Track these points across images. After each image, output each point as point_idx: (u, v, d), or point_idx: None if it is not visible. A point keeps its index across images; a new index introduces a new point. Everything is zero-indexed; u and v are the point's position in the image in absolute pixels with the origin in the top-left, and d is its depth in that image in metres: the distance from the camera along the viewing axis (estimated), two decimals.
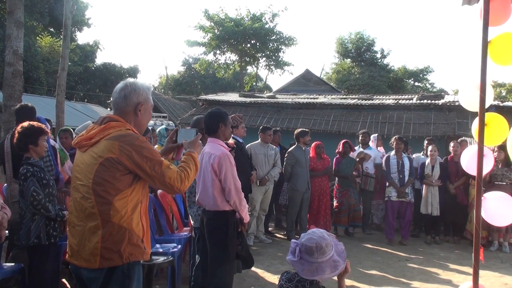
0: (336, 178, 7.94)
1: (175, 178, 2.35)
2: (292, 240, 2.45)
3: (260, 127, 7.47)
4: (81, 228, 2.30)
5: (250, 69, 34.55)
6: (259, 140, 7.20)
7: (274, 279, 5.32)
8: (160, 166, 2.31)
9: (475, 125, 2.92)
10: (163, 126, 7.20)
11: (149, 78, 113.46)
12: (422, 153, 8.26)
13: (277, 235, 7.87)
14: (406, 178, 7.38)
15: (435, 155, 7.58)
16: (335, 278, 2.43)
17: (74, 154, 4.73)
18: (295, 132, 7.61)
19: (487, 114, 2.92)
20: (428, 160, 7.62)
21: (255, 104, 12.44)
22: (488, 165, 3.01)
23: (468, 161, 3.10)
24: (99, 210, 2.25)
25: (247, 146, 6.93)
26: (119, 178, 2.26)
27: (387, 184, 7.57)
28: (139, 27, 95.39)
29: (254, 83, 35.67)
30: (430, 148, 7.67)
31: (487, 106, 2.91)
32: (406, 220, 7.48)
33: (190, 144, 2.63)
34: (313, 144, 7.75)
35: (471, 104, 3.00)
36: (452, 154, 7.72)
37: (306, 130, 7.69)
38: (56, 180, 4.95)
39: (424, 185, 7.59)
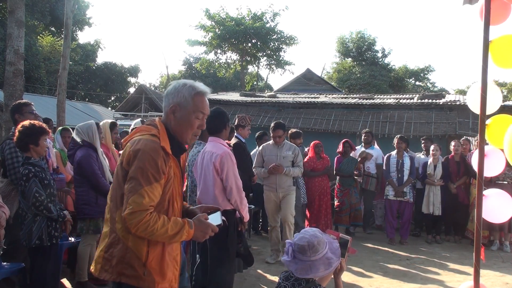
0: (337, 178, 7.93)
1: (137, 210, 1.97)
2: (287, 240, 2.47)
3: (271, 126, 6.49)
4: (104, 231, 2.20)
5: (251, 68, 34.63)
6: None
7: (275, 278, 5.32)
8: (139, 185, 1.99)
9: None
10: None
11: (150, 77, 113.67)
12: (422, 152, 8.25)
13: None
14: (405, 177, 7.38)
15: (437, 154, 7.58)
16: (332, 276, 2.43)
17: (72, 154, 4.75)
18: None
19: (495, 117, 2.90)
20: (430, 160, 7.61)
21: (256, 104, 12.43)
22: (499, 166, 2.99)
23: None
24: (110, 217, 2.14)
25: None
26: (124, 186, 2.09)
27: (386, 183, 7.58)
28: (140, 26, 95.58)
29: (255, 83, 35.68)
30: (432, 147, 7.67)
31: (497, 107, 2.89)
32: (405, 220, 7.48)
33: (199, 222, 2.17)
34: (312, 144, 7.73)
35: (478, 105, 2.96)
36: (453, 154, 7.71)
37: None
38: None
39: (426, 185, 7.59)
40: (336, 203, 7.84)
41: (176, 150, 2.22)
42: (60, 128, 6.17)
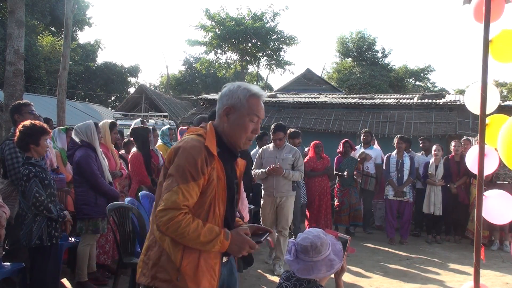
0: (337, 178, 7.93)
1: (169, 208, 1.88)
2: (290, 239, 2.46)
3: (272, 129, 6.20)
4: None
5: (251, 68, 34.63)
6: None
7: (275, 278, 5.32)
8: (174, 182, 1.91)
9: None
10: (167, 126, 7.22)
11: (150, 77, 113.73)
12: (421, 152, 8.25)
13: None
14: (405, 177, 7.38)
15: (439, 154, 7.59)
16: (332, 276, 2.43)
17: (71, 155, 4.75)
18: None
19: (493, 116, 2.89)
20: (432, 160, 7.62)
21: None
22: (492, 165, 2.99)
23: (473, 161, 3.08)
24: (152, 218, 2.05)
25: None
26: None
27: (386, 182, 7.59)
28: (140, 26, 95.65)
29: (255, 83, 35.69)
30: (434, 147, 7.68)
31: (494, 108, 2.89)
32: (405, 220, 7.49)
33: (237, 234, 2.02)
34: (312, 144, 7.73)
35: (476, 105, 2.97)
36: (453, 154, 7.71)
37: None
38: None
39: (427, 185, 7.60)
40: (336, 203, 7.84)
41: (226, 155, 2.10)
42: (63, 127, 6.12)
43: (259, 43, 29.01)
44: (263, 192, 5.97)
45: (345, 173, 7.67)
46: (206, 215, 2.00)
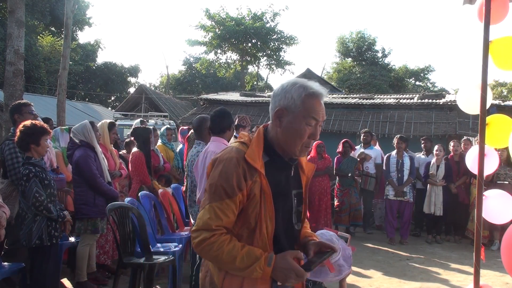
0: (337, 178, 7.94)
1: (201, 229, 1.71)
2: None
3: None
4: None
5: (251, 68, 34.67)
6: None
7: None
8: (207, 200, 1.74)
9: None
10: (165, 127, 7.23)
11: (150, 77, 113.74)
12: (422, 152, 8.25)
13: None
14: (405, 177, 7.39)
15: (440, 155, 7.58)
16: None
17: (70, 155, 4.75)
18: None
19: (493, 116, 2.89)
20: (433, 160, 7.62)
21: (256, 104, 12.43)
22: (492, 165, 2.99)
23: (473, 161, 3.08)
24: None
25: None
26: None
27: (386, 182, 7.59)
28: (140, 26, 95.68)
29: (255, 83, 35.69)
30: (436, 147, 7.69)
31: (487, 107, 2.89)
32: (405, 220, 7.49)
33: (282, 259, 1.70)
34: (314, 144, 7.73)
35: (470, 105, 2.97)
36: (452, 154, 7.72)
37: None
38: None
39: (428, 185, 7.61)
40: (336, 203, 7.84)
41: (278, 164, 1.83)
42: (65, 127, 6.11)
43: (259, 43, 29.05)
44: None
45: (349, 175, 7.68)
46: (252, 235, 1.76)
